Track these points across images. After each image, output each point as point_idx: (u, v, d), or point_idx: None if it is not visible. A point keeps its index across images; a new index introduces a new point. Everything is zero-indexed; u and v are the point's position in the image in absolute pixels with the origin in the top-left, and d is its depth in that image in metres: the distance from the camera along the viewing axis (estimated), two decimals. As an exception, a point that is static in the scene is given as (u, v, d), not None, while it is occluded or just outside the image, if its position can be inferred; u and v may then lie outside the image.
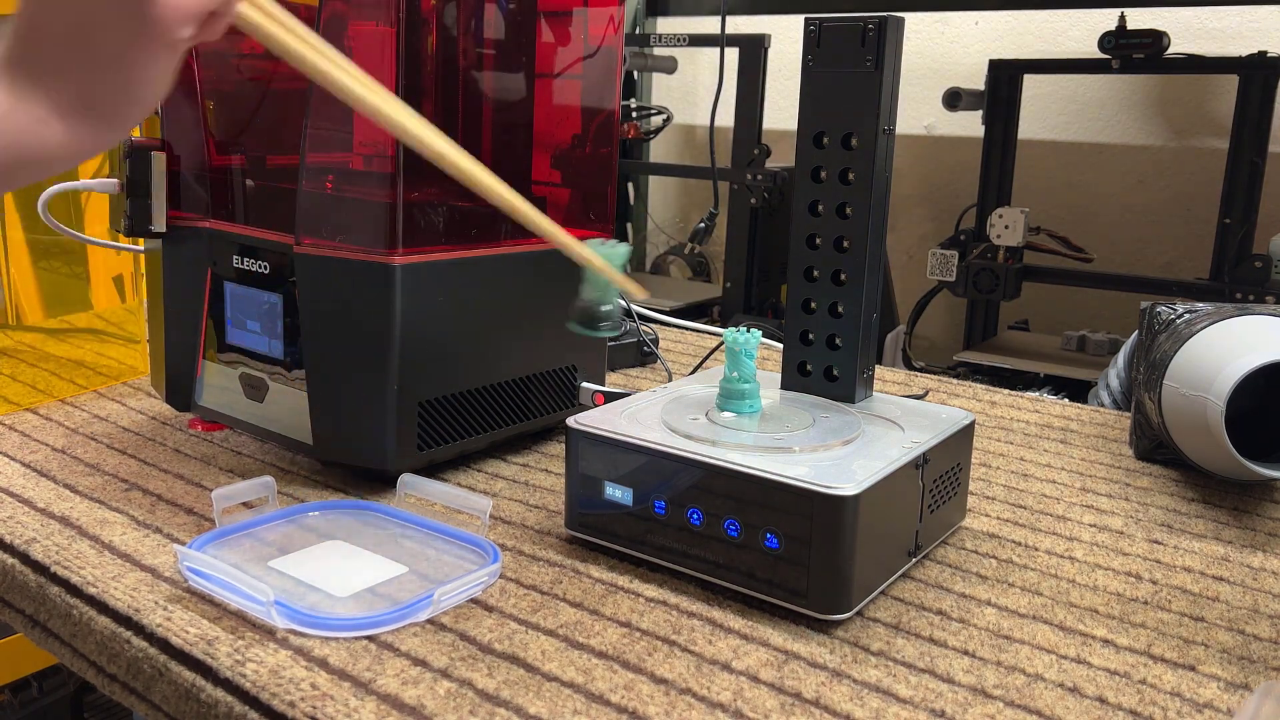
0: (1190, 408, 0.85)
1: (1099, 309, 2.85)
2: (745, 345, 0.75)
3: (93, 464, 0.88)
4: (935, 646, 0.63)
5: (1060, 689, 0.59)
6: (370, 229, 0.80)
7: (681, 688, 0.57)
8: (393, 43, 0.78)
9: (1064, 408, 1.17)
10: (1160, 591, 0.71)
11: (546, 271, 0.91)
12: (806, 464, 0.66)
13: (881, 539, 0.67)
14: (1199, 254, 2.74)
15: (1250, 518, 0.85)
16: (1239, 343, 0.84)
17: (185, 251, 0.92)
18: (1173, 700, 0.58)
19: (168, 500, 0.81)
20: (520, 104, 0.93)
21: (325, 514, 0.78)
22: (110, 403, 1.05)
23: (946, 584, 0.71)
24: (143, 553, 0.71)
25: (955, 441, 0.76)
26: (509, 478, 0.88)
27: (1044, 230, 2.63)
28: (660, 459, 0.69)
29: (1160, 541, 0.80)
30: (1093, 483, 0.92)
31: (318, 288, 0.82)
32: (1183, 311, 0.96)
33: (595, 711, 0.55)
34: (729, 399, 0.75)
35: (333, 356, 0.82)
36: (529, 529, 0.78)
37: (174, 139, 0.92)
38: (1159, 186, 2.87)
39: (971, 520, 0.83)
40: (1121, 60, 2.46)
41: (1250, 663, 0.62)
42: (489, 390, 0.89)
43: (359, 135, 0.81)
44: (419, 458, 0.84)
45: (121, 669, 0.63)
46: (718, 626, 0.64)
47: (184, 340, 0.94)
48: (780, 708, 0.56)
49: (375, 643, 0.61)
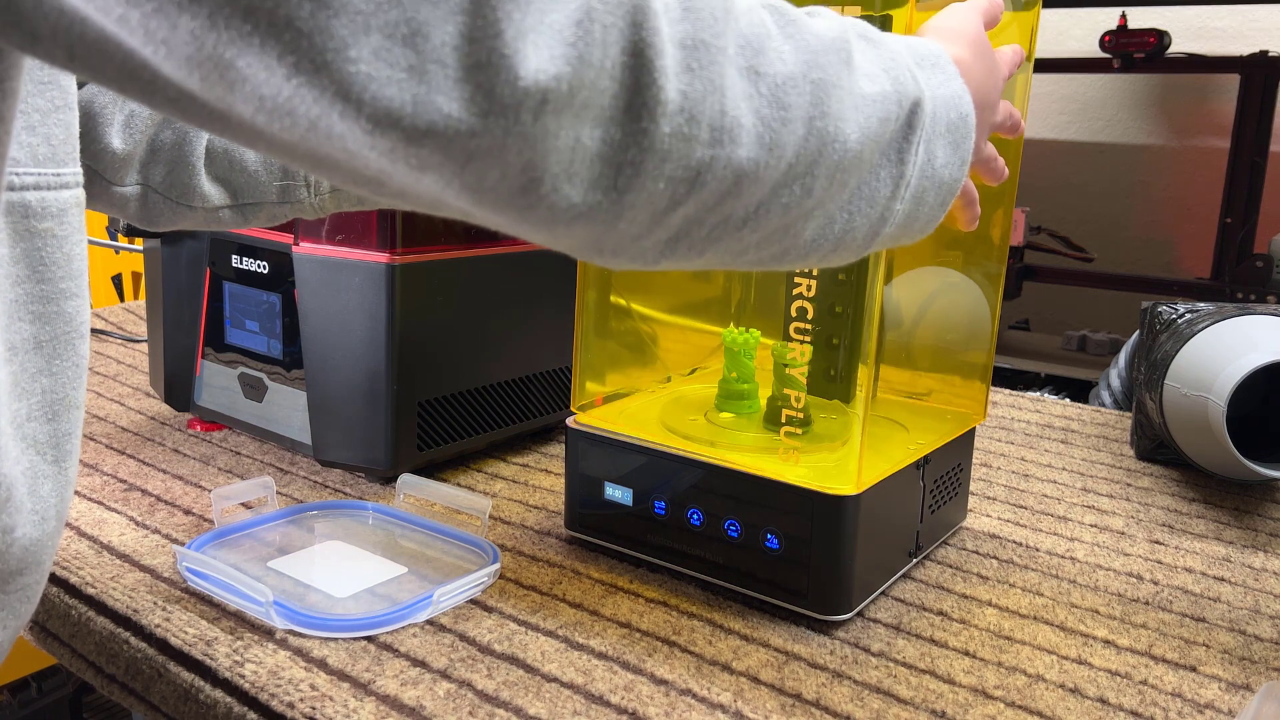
0: (1191, 408, 0.85)
1: (1099, 309, 2.85)
2: (744, 346, 0.74)
3: (93, 464, 0.88)
4: (936, 647, 0.63)
5: (1061, 690, 0.58)
6: (369, 229, 0.79)
7: (681, 688, 0.57)
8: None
9: (1065, 408, 1.16)
10: (1161, 592, 0.71)
11: (546, 271, 0.91)
12: (806, 464, 0.66)
13: (882, 539, 0.67)
14: (1199, 254, 2.74)
15: (1251, 518, 0.85)
16: (1240, 343, 0.84)
17: (185, 251, 0.92)
18: (1174, 701, 0.58)
19: (167, 500, 0.81)
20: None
21: (325, 514, 0.78)
22: (110, 403, 1.05)
23: (947, 584, 0.71)
24: (141, 553, 0.71)
25: (956, 442, 0.76)
26: (509, 478, 0.88)
27: (1044, 230, 2.63)
28: (660, 459, 0.69)
29: (1161, 542, 0.80)
30: (1094, 483, 0.92)
31: (317, 287, 0.82)
32: (1184, 311, 0.96)
33: (595, 712, 0.55)
34: (728, 399, 0.75)
35: (332, 356, 0.82)
36: (529, 529, 0.78)
37: (173, 138, 0.92)
38: (1159, 186, 2.87)
39: (972, 520, 0.83)
40: (1122, 60, 2.46)
41: (1251, 663, 0.62)
42: (489, 390, 0.89)
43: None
44: (419, 458, 0.84)
45: (120, 669, 0.63)
46: (718, 627, 0.64)
47: (183, 340, 0.94)
48: (780, 708, 0.56)
49: (375, 643, 0.61)
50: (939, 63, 0.49)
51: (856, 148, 0.42)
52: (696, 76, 0.35)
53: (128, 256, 2.17)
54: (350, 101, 0.30)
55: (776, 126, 0.38)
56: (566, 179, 0.34)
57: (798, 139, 0.39)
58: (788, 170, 0.40)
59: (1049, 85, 2.95)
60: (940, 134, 0.47)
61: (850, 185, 0.43)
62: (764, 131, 0.38)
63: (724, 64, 0.36)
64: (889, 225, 0.46)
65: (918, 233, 0.49)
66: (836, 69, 0.41)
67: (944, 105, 0.47)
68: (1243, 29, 2.70)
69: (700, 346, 0.88)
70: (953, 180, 0.48)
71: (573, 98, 0.32)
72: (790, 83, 0.39)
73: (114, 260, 2.16)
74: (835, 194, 0.43)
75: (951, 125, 0.48)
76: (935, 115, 0.47)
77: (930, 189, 0.47)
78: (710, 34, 0.36)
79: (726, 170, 0.37)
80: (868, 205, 0.45)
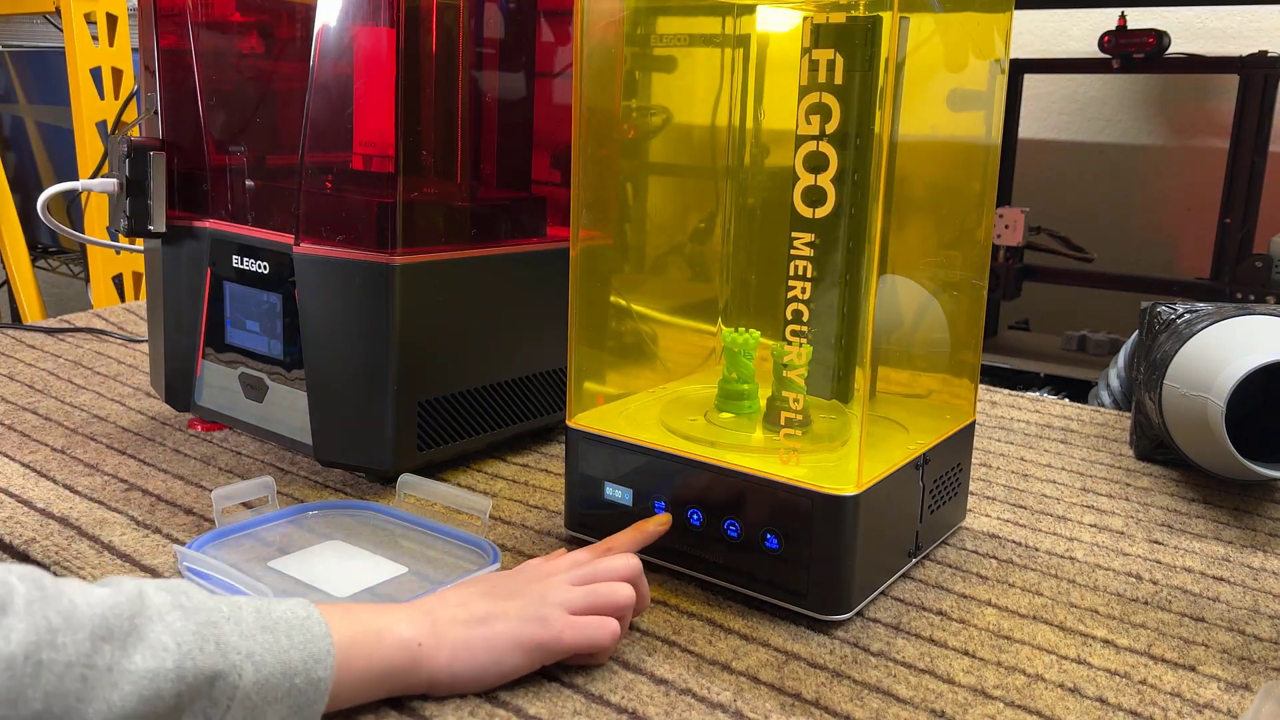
0: (1191, 408, 0.85)
1: (1099, 309, 2.85)
2: (744, 346, 0.75)
3: (92, 464, 0.88)
4: (935, 647, 0.63)
5: (1061, 689, 0.58)
6: (369, 229, 0.80)
7: (681, 688, 0.57)
8: (392, 43, 0.78)
9: (1064, 408, 1.16)
10: (1161, 592, 0.71)
11: (546, 271, 0.91)
12: (806, 464, 0.66)
13: (881, 539, 0.67)
14: (1199, 254, 2.74)
15: (1251, 518, 0.85)
16: (1239, 343, 0.84)
17: (185, 251, 0.92)
18: (1173, 700, 0.58)
19: (167, 500, 0.81)
20: (520, 103, 0.93)
21: (325, 514, 0.78)
22: (110, 403, 1.05)
23: (947, 584, 0.71)
24: (142, 553, 0.71)
25: (956, 442, 0.76)
26: (509, 478, 0.88)
27: (1044, 230, 2.63)
28: (660, 459, 0.69)
29: (1161, 542, 0.80)
30: (1093, 483, 0.92)
31: (317, 288, 0.82)
32: (1183, 311, 0.96)
33: (595, 711, 0.55)
34: (728, 399, 0.75)
35: (332, 356, 0.82)
36: (529, 529, 0.78)
37: (174, 139, 0.92)
38: (1159, 186, 2.87)
39: (972, 520, 0.83)
40: (1121, 60, 2.46)
41: (1251, 663, 0.62)
42: (488, 390, 0.89)
43: (359, 135, 0.81)
44: (419, 458, 0.84)
45: (121, 669, 0.63)
46: (718, 627, 0.64)
47: (184, 340, 0.94)
48: (780, 708, 0.56)
49: (375, 643, 0.60)
50: (297, 625, 0.50)
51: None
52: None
53: (128, 257, 2.17)
54: None
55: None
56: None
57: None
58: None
59: (1049, 85, 2.95)
60: (274, 700, 0.47)
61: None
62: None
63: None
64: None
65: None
66: (87, 646, 0.42)
67: (280, 672, 0.48)
68: (1242, 29, 2.70)
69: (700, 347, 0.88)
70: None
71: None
72: (4, 664, 0.40)
73: (114, 260, 2.16)
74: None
75: (294, 690, 0.48)
76: (262, 682, 0.47)
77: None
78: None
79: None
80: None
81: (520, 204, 0.92)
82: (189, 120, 0.91)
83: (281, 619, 0.49)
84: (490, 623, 0.56)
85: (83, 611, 0.43)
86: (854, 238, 0.71)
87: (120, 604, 0.45)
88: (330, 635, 0.50)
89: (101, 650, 0.43)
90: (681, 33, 0.88)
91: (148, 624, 0.45)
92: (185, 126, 0.92)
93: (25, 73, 2.54)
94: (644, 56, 0.85)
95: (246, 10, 0.91)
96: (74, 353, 1.24)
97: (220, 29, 0.90)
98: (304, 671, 0.48)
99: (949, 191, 0.81)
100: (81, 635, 0.43)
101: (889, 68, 0.64)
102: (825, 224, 0.70)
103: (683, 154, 0.92)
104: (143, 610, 0.45)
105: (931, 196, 0.81)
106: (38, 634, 0.41)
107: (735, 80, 0.86)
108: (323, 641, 0.50)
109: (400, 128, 0.79)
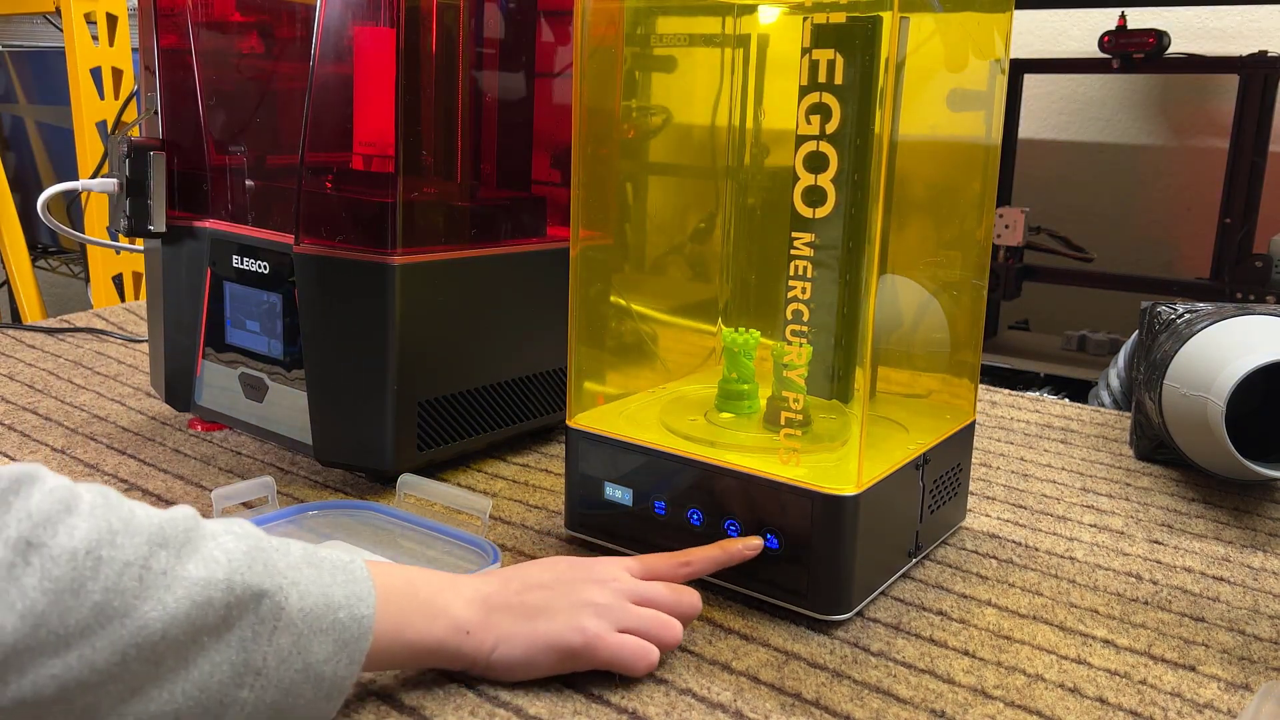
0: (1191, 408, 0.85)
1: (1099, 309, 2.85)
2: (744, 346, 0.75)
3: (93, 464, 0.88)
4: (935, 647, 0.63)
5: (1060, 689, 0.58)
6: (369, 229, 0.80)
7: (681, 688, 0.57)
8: (392, 43, 0.78)
9: (1064, 408, 1.16)
10: (1160, 592, 0.71)
11: (546, 271, 0.91)
12: (806, 464, 0.66)
13: (881, 539, 0.67)
14: (1199, 254, 2.74)
15: (1250, 518, 0.85)
16: (1239, 343, 0.84)
17: (185, 251, 0.92)
18: (1173, 700, 0.58)
19: (168, 500, 0.81)
20: (520, 103, 0.93)
21: (325, 514, 0.78)
22: (110, 403, 1.05)
23: (947, 584, 0.71)
24: (142, 553, 0.71)
25: (956, 442, 0.76)
26: (509, 478, 0.88)
27: (1044, 230, 2.63)
28: (660, 459, 0.69)
29: (1161, 542, 0.80)
30: (1093, 483, 0.92)
31: (317, 288, 0.82)
32: (1183, 311, 0.96)
33: (595, 712, 0.55)
34: (728, 399, 0.75)
35: (332, 356, 0.82)
36: (529, 529, 0.78)
37: (174, 139, 0.92)
38: (1159, 186, 2.87)
39: (972, 520, 0.83)
40: (1121, 60, 2.47)
41: (1250, 663, 0.62)
42: (488, 390, 0.89)
43: (359, 135, 0.81)
44: (419, 458, 0.84)
45: (121, 669, 0.63)
46: (718, 627, 0.64)
47: (184, 340, 0.94)
48: (780, 708, 0.56)
49: (375, 643, 0.61)
50: (340, 566, 0.52)
51: (159, 627, 0.44)
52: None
53: (128, 256, 2.18)
54: None
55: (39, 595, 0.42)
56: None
57: (62, 609, 0.42)
58: (47, 637, 0.42)
59: (1048, 85, 2.95)
60: (319, 630, 0.49)
61: (165, 665, 0.45)
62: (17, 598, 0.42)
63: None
64: (234, 712, 0.47)
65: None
66: (145, 549, 0.45)
67: (324, 604, 0.49)
68: (1242, 29, 2.71)
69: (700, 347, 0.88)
70: (337, 677, 0.50)
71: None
72: (67, 556, 0.43)
73: (114, 260, 2.16)
74: (137, 672, 0.44)
75: (338, 624, 0.50)
76: (307, 611, 0.49)
77: (304, 682, 0.49)
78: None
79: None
80: (196, 690, 0.46)
81: (520, 204, 0.92)
82: (189, 120, 0.91)
83: (326, 559, 0.52)
84: (537, 619, 0.57)
85: (142, 520, 0.46)
86: (854, 238, 0.71)
87: (177, 519, 0.48)
88: (371, 579, 0.52)
89: (158, 555, 0.46)
90: (681, 33, 0.88)
91: (201, 540, 0.48)
92: (185, 126, 0.92)
93: (25, 73, 2.55)
94: (644, 56, 0.85)
95: (246, 10, 0.91)
96: (74, 353, 1.24)
97: (220, 29, 0.90)
98: (347, 606, 0.50)
99: (949, 191, 0.81)
100: (140, 539, 0.45)
101: (889, 68, 0.64)
102: (825, 224, 0.70)
103: (683, 154, 0.92)
104: (197, 528, 0.48)
105: (931, 196, 0.81)
106: (99, 534, 0.44)
107: (735, 80, 0.86)
108: (364, 583, 0.52)
109: (400, 128, 0.79)
